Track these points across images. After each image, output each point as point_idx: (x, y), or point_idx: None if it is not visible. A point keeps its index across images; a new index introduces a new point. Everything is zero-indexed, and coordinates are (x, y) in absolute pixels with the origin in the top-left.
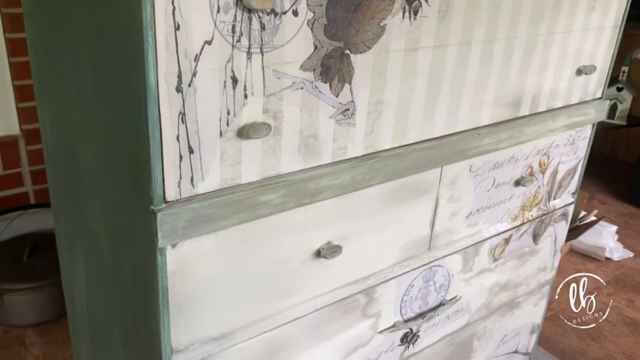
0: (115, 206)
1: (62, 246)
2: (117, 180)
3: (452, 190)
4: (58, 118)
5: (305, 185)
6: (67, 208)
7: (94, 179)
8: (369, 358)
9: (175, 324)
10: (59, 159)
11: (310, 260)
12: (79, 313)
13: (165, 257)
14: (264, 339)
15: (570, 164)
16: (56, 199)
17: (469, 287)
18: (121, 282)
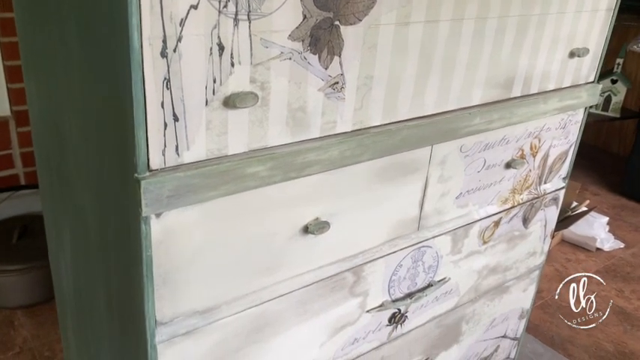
0: (100, 177)
1: (49, 222)
2: (102, 150)
3: (442, 171)
4: (45, 92)
5: (292, 159)
6: (54, 183)
7: (80, 150)
8: (357, 337)
9: (160, 296)
10: (46, 133)
11: (298, 236)
12: (66, 290)
13: (149, 227)
14: (250, 314)
15: (561, 148)
16: (43, 175)
17: (458, 269)
18: (106, 254)
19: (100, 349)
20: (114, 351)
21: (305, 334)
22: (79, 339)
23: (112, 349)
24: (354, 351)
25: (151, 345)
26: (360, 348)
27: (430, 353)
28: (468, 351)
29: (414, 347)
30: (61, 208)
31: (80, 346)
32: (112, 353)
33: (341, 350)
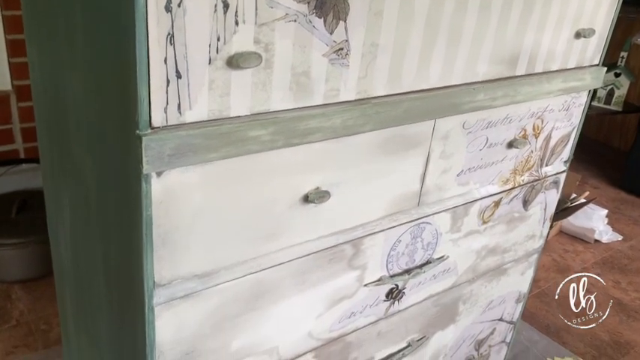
0: (101, 138)
1: (49, 193)
2: (104, 110)
3: (444, 146)
4: (47, 56)
5: (295, 124)
6: (54, 151)
7: (81, 113)
8: (354, 310)
9: (159, 257)
10: (47, 100)
11: (298, 205)
12: (64, 261)
13: (150, 186)
14: (248, 281)
15: (564, 131)
16: (44, 144)
17: (457, 248)
18: (105, 218)
19: (98, 319)
20: (112, 318)
21: (303, 304)
22: (76, 310)
23: (110, 316)
24: (351, 324)
25: (149, 307)
26: (357, 322)
27: (427, 332)
28: (464, 332)
29: (411, 325)
30: (61, 177)
31: (77, 317)
32: (109, 321)
33: (338, 323)
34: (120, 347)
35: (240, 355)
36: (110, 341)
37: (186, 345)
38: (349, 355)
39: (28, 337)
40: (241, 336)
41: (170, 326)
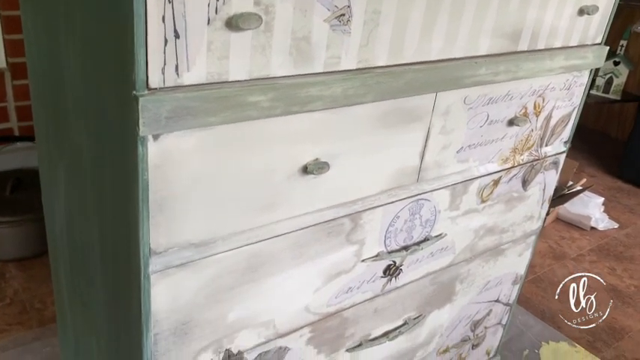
0: (97, 103)
1: (44, 166)
2: (100, 73)
3: (444, 121)
4: (42, 20)
5: (295, 91)
6: (50, 122)
7: (78, 78)
8: (351, 286)
9: (155, 223)
10: (43, 69)
11: (297, 176)
12: (59, 235)
13: (146, 149)
14: (245, 252)
15: (565, 110)
16: (39, 116)
17: (455, 226)
18: (101, 185)
19: (93, 291)
20: (107, 289)
21: (300, 278)
22: (71, 285)
23: (106, 287)
24: (348, 300)
25: (145, 275)
26: (354, 298)
27: (423, 310)
28: (461, 312)
29: (408, 302)
30: (56, 150)
31: (72, 292)
32: (105, 292)
33: (335, 298)
34: (116, 319)
35: (237, 327)
36: (106, 313)
37: (182, 314)
38: (346, 330)
39: (22, 315)
40: (238, 307)
41: (166, 295)
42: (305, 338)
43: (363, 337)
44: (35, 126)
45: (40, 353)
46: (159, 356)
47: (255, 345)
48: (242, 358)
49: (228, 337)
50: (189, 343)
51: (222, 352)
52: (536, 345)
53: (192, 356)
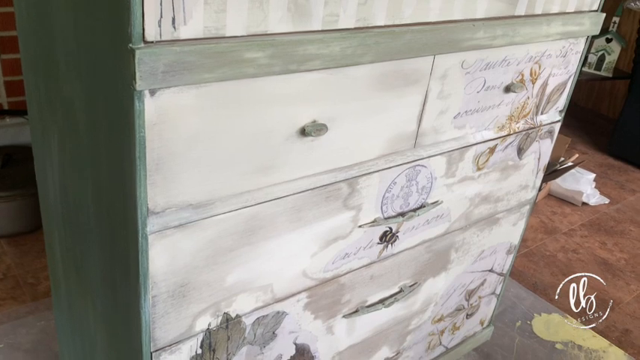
0: (91, 58)
1: (36, 133)
2: (94, 27)
3: (442, 86)
4: None
5: (293, 49)
6: (40, 83)
7: (71, 33)
8: (348, 252)
9: (152, 182)
10: (33, 26)
11: (295, 137)
12: (53, 204)
13: (143, 104)
14: (244, 214)
15: (561, 78)
16: (29, 77)
17: (451, 193)
18: (96, 145)
19: (89, 258)
20: (104, 254)
21: (298, 242)
22: (66, 254)
23: (102, 252)
24: (345, 266)
25: (142, 235)
26: (351, 264)
27: (419, 278)
28: (455, 281)
29: (403, 270)
30: (49, 114)
31: (67, 262)
32: (101, 257)
33: (332, 264)
34: (112, 283)
35: (235, 291)
36: (102, 279)
37: (180, 276)
38: (342, 297)
39: (15, 290)
40: (236, 271)
41: (164, 256)
42: (302, 303)
43: (359, 304)
44: (26, 91)
45: (35, 327)
46: (157, 318)
47: (253, 309)
48: (240, 322)
49: (226, 300)
50: (187, 306)
51: (220, 316)
52: (529, 316)
53: (191, 319)
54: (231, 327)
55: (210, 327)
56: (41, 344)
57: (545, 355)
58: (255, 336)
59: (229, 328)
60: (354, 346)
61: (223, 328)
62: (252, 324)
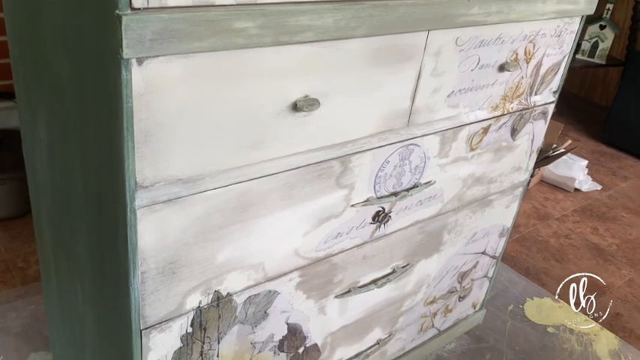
0: (77, 28)
1: (23, 112)
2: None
3: (436, 63)
4: None
5: (284, 19)
6: (27, 58)
7: (56, 5)
8: (340, 231)
9: (141, 155)
10: (19, 2)
11: (286, 112)
12: (41, 181)
13: (130, 74)
14: (234, 190)
15: (555, 58)
16: (15, 51)
17: (444, 174)
18: (83, 119)
19: (77, 237)
20: (92, 231)
21: (289, 220)
22: (54, 234)
23: (90, 229)
24: (337, 246)
25: (131, 209)
26: (343, 243)
27: (411, 259)
28: (448, 263)
29: (396, 251)
30: (36, 90)
31: (56, 243)
32: (90, 235)
33: (324, 243)
34: (101, 260)
35: (226, 269)
36: (91, 257)
37: (170, 253)
38: (334, 277)
39: (5, 274)
40: (227, 248)
41: (153, 232)
42: (294, 283)
43: (351, 284)
44: (13, 70)
45: (24, 311)
46: (146, 296)
47: (244, 288)
48: (231, 300)
49: (217, 278)
50: (177, 283)
51: (211, 294)
52: (521, 301)
53: (181, 297)
54: (222, 305)
55: (201, 305)
56: (31, 328)
57: (537, 338)
58: (246, 315)
59: (220, 307)
60: (346, 327)
61: (214, 307)
62: (243, 303)
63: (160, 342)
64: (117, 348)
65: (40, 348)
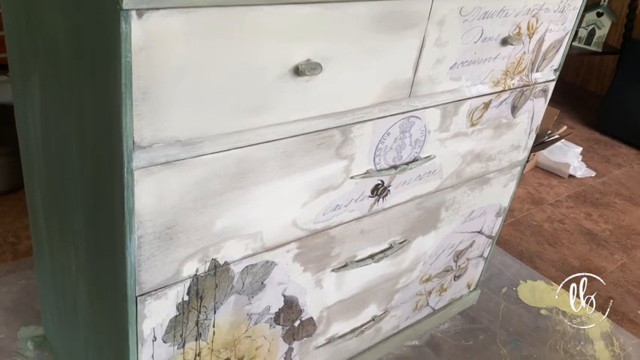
0: None
1: (15, 73)
2: None
3: (440, 32)
4: None
5: None
6: (21, 15)
7: None
8: (339, 203)
9: (139, 113)
10: None
11: (288, 77)
12: (34, 148)
13: (130, 27)
14: (234, 156)
15: (557, 35)
16: (7, 9)
17: (444, 149)
18: (79, 76)
19: (71, 203)
20: (87, 195)
21: (288, 189)
22: (47, 204)
23: (85, 193)
24: (335, 218)
25: (128, 170)
26: (342, 216)
27: (408, 236)
28: (445, 241)
29: (394, 226)
30: (29, 51)
31: (48, 212)
32: (85, 199)
33: (322, 215)
34: (96, 228)
35: (224, 236)
36: (86, 225)
37: (168, 218)
38: (332, 250)
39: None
40: (225, 215)
41: (150, 194)
42: (292, 254)
43: (348, 258)
44: (5, 31)
45: (15, 285)
46: (142, 261)
47: (241, 257)
48: (228, 269)
49: (214, 246)
50: (174, 249)
51: (208, 262)
52: (515, 283)
53: (178, 264)
54: (219, 274)
55: (198, 273)
56: (22, 302)
57: (530, 320)
58: (243, 285)
59: (217, 276)
60: (342, 302)
61: (211, 275)
62: (240, 272)
63: (155, 309)
64: (111, 316)
65: (30, 322)
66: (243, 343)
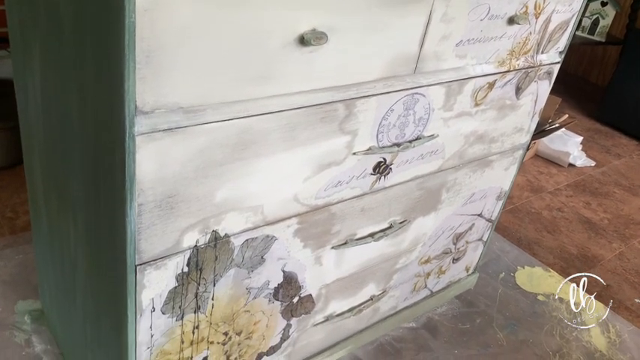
0: None
1: (16, 47)
2: None
3: (446, 8)
4: None
5: None
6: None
7: None
8: (341, 180)
9: (142, 76)
10: None
11: (293, 46)
12: (33, 119)
13: None
14: (236, 125)
15: (564, 16)
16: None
17: (447, 129)
18: (81, 37)
19: (72, 173)
20: (87, 165)
21: (290, 163)
22: (46, 174)
23: (85, 163)
24: (337, 194)
25: (130, 135)
26: (343, 193)
27: (409, 216)
28: (444, 223)
29: (394, 206)
30: (29, 19)
31: (47, 182)
32: (85, 170)
33: (324, 191)
34: (96, 196)
35: (225, 208)
36: (85, 194)
37: (169, 186)
38: (332, 226)
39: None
40: (226, 186)
41: (152, 162)
42: (292, 229)
43: (348, 236)
44: (6, 4)
45: (13, 260)
46: (143, 229)
47: (242, 230)
48: (229, 241)
49: (215, 217)
50: (175, 219)
51: (208, 233)
52: (512, 269)
53: (178, 234)
54: (219, 246)
55: (198, 244)
56: (19, 276)
57: (527, 305)
58: (243, 258)
59: (217, 248)
60: (341, 280)
61: (211, 247)
62: (240, 245)
63: (154, 279)
64: (110, 287)
65: (28, 296)
66: (242, 317)
